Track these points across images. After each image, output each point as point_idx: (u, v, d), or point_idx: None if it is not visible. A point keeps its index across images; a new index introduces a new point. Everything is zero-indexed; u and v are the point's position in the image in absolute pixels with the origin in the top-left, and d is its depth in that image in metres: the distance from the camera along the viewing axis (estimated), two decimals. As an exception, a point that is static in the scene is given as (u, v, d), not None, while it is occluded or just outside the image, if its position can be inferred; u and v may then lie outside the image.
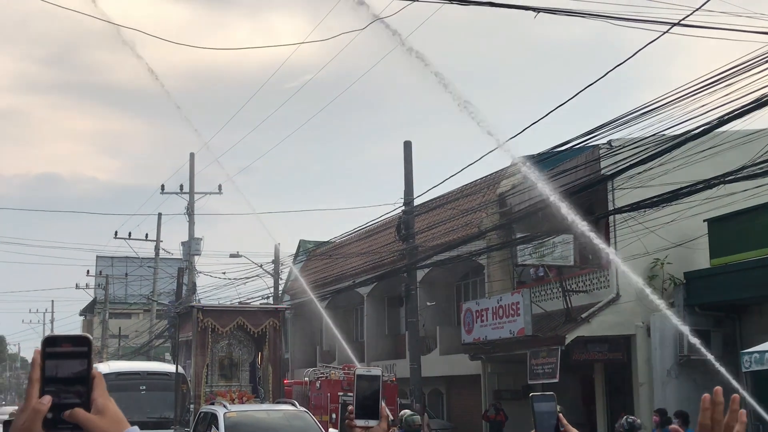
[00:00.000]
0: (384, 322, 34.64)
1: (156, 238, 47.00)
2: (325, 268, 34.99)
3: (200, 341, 17.25)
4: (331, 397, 21.87)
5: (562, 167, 20.59)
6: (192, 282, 38.73)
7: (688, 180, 15.96)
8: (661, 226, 19.18)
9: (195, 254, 38.70)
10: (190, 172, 39.08)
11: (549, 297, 23.66)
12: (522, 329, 22.01)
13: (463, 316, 25.08)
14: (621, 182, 18.98)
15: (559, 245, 21.70)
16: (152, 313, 50.64)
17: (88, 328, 74.18)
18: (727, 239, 19.31)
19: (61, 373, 1.68)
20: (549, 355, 21.34)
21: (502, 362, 25.23)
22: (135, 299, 62.43)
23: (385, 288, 31.63)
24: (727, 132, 16.32)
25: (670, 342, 20.21)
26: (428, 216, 26.54)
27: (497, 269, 26.02)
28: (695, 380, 19.64)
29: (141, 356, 44.82)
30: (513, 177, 25.04)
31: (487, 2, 9.15)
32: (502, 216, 24.99)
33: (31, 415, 1.63)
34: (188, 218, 38.88)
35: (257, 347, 17.94)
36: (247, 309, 19.38)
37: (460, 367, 27.14)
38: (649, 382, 20.55)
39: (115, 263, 61.70)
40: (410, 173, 24.45)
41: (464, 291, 30.24)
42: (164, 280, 49.42)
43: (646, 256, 20.38)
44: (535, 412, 2.43)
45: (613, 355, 21.68)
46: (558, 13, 10.37)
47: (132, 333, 58.25)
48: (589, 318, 21.17)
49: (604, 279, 21.98)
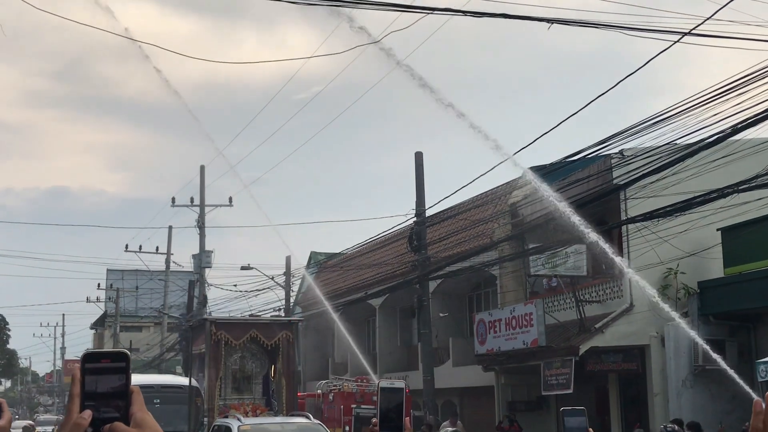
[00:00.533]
0: (396, 334, 34.59)
1: (167, 251, 47.12)
2: (336, 280, 35.01)
3: (213, 354, 17.23)
4: (344, 410, 21.82)
5: (575, 177, 20.57)
6: (203, 295, 38.77)
7: (701, 189, 15.92)
8: (674, 236, 19.11)
9: (206, 267, 38.74)
10: (201, 185, 39.19)
11: (562, 307, 23.59)
12: (535, 340, 21.94)
13: (476, 327, 25.02)
14: (634, 192, 18.94)
15: (572, 255, 21.64)
16: (163, 326, 50.70)
17: (99, 341, 74.33)
18: (740, 248, 19.23)
19: (101, 387, 1.71)
20: (563, 366, 21.26)
21: (515, 373, 25.14)
22: (146, 312, 62.56)
23: (398, 299, 31.60)
24: (741, 140, 16.28)
25: (684, 352, 20.11)
26: (440, 227, 26.52)
27: (510, 280, 25.96)
28: (710, 390, 19.54)
29: (152, 369, 44.86)
30: (524, 187, 25.01)
31: (501, 14, 9.16)
32: (514, 226, 24.95)
33: (72, 430, 1.65)
34: (199, 231, 38.94)
35: (270, 360, 17.92)
36: (260, 321, 19.36)
37: (473, 379, 27.06)
38: (663, 393, 20.44)
39: (126, 276, 61.89)
40: (422, 184, 24.45)
41: (477, 302, 30.18)
42: (175, 293, 49.49)
43: (660, 265, 20.31)
44: (566, 426, 2.42)
45: (628, 365, 21.59)
46: (571, 24, 10.39)
47: (143, 346, 58.34)
48: (602, 328, 21.09)
49: (618, 289, 21.91)
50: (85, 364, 1.71)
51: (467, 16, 9.20)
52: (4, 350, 77.75)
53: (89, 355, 1.73)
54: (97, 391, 1.70)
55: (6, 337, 77.58)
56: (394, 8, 9.45)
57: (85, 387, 1.70)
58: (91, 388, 1.71)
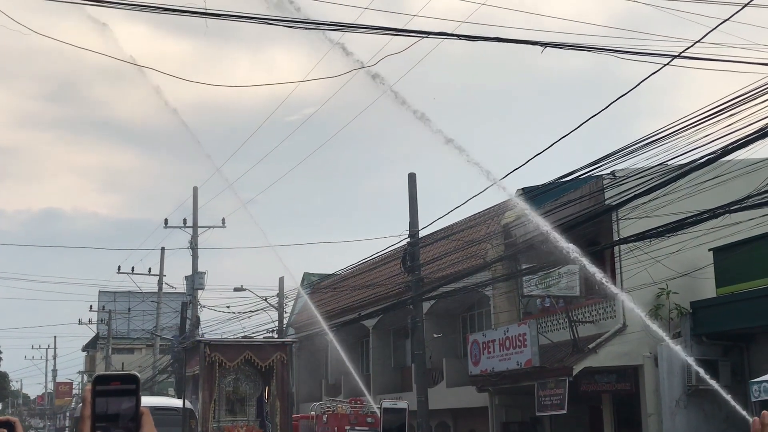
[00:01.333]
0: (390, 355, 34.53)
1: (159, 273, 47.01)
2: (330, 301, 34.95)
3: (207, 376, 17.20)
4: (338, 431, 21.77)
5: (567, 198, 20.67)
6: (196, 316, 38.66)
7: (693, 210, 16.02)
8: (666, 256, 19.20)
9: (199, 288, 38.64)
10: (194, 206, 39.17)
11: (555, 328, 23.63)
12: (529, 360, 21.95)
13: (470, 347, 25.02)
14: (626, 212, 19.04)
15: (565, 276, 21.70)
16: (155, 348, 50.51)
17: (90, 363, 73.95)
18: (733, 268, 19.32)
19: (111, 409, 1.75)
20: (557, 386, 21.27)
21: (509, 394, 25.12)
22: (138, 334, 62.33)
23: (391, 320, 31.58)
24: (732, 161, 16.41)
25: (678, 372, 20.14)
26: (433, 247, 26.56)
27: (503, 300, 25.99)
28: (704, 410, 19.57)
29: (144, 392, 44.51)
30: (517, 208, 25.10)
31: (495, 38, 9.27)
32: (507, 247, 25.01)
33: (85, 452, 1.69)
34: (191, 252, 38.88)
35: (264, 381, 17.88)
36: (254, 343, 19.33)
37: (467, 399, 27.01)
38: (657, 413, 20.46)
39: (118, 298, 61.68)
40: (415, 205, 24.51)
41: (470, 322, 30.18)
42: (167, 314, 49.34)
43: (652, 285, 20.38)
44: None
45: (621, 385, 21.61)
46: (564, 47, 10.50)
47: (135, 368, 58.06)
48: (596, 348, 21.13)
49: (611, 309, 21.96)
50: (96, 387, 1.76)
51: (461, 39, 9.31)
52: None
53: (100, 378, 1.77)
54: (107, 413, 1.75)
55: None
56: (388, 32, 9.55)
57: (96, 409, 1.74)
58: (102, 410, 1.75)
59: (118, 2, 10.03)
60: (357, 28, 9.51)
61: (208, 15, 9.28)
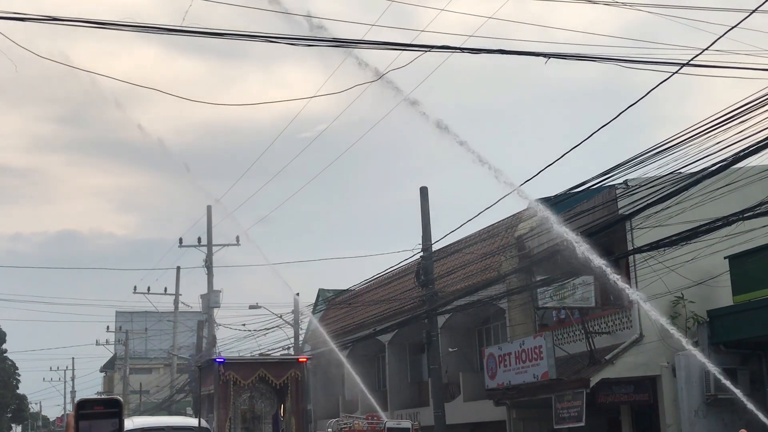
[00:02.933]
0: (406, 370, 34.42)
1: (175, 292, 47.17)
2: (345, 317, 34.92)
3: (222, 394, 17.20)
4: (355, 448, 21.64)
5: (579, 208, 20.58)
6: (212, 335, 38.72)
7: (706, 217, 15.93)
8: (681, 265, 19.08)
9: (214, 306, 38.74)
10: (208, 225, 39.30)
11: (572, 339, 23.49)
12: (546, 373, 21.81)
13: (486, 361, 24.90)
14: (639, 222, 18.94)
15: (580, 287, 21.58)
16: (173, 367, 50.60)
17: (108, 384, 74.12)
18: (749, 275, 19.17)
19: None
20: (574, 399, 21.12)
21: (527, 407, 24.96)
22: (155, 354, 62.47)
23: (407, 335, 31.49)
24: (744, 168, 16.30)
25: (696, 382, 19.97)
26: (447, 261, 26.50)
27: (518, 313, 25.88)
28: (723, 420, 19.38)
29: (162, 411, 44.70)
30: (531, 220, 25.02)
31: (498, 50, 9.25)
32: (521, 259, 24.92)
33: (69, 477, 1.67)
34: (207, 271, 38.99)
35: (280, 399, 17.86)
36: (268, 361, 19.33)
37: (484, 414, 26.86)
38: (676, 423, 20.27)
39: (135, 318, 61.93)
40: (427, 219, 24.49)
41: (486, 336, 30.05)
42: (184, 333, 49.47)
43: (668, 294, 20.25)
44: None
45: (639, 396, 21.43)
46: (568, 58, 10.48)
47: (153, 388, 58.17)
48: (613, 359, 20.97)
49: (627, 320, 21.82)
50: (79, 411, 1.76)
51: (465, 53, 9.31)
52: (15, 395, 77.56)
53: (83, 402, 1.78)
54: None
55: (16, 382, 77.45)
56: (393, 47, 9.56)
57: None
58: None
59: (126, 24, 10.09)
60: (362, 43, 9.53)
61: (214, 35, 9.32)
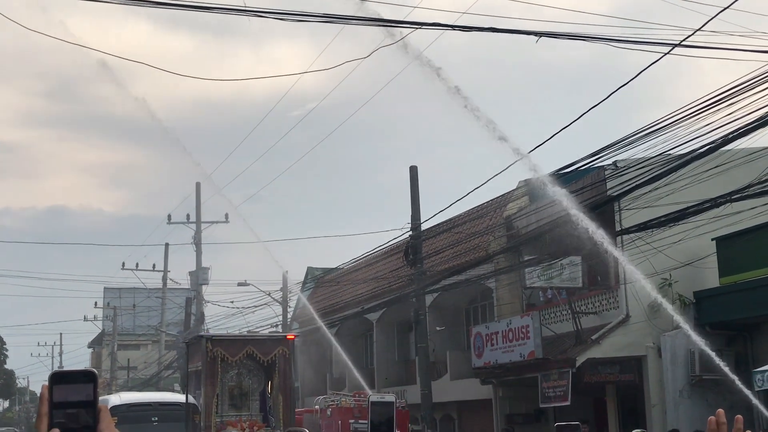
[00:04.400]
0: (394, 348, 34.53)
1: (163, 269, 47.06)
2: (333, 295, 34.97)
3: (210, 371, 17.18)
4: (342, 425, 21.76)
5: (569, 189, 20.59)
6: (200, 312, 38.71)
7: (694, 199, 15.97)
8: (668, 246, 19.15)
9: (203, 284, 38.70)
10: (197, 202, 39.19)
11: (558, 319, 23.60)
12: (532, 352, 21.93)
13: (473, 340, 25.00)
14: (627, 203, 18.99)
15: (567, 267, 21.66)
16: (161, 343, 50.60)
17: (96, 360, 74.12)
18: (735, 257, 19.27)
19: (69, 406, 1.72)
20: (560, 378, 21.25)
21: (513, 386, 25.11)
22: (143, 330, 62.44)
23: (395, 314, 31.58)
24: (733, 150, 16.35)
25: (681, 362, 20.12)
26: (436, 240, 26.53)
27: (506, 292, 25.96)
28: (707, 400, 19.53)
29: (150, 387, 44.73)
30: (520, 200, 25.06)
31: (489, 28, 9.22)
32: (509, 239, 24.97)
33: (40, 448, 1.66)
34: (195, 248, 38.92)
35: (267, 376, 17.87)
36: (256, 338, 19.30)
37: (471, 392, 27.01)
38: (661, 403, 20.43)
39: (123, 294, 61.77)
40: (417, 198, 24.49)
41: (473, 315, 30.17)
42: (172, 310, 49.43)
43: (655, 276, 20.32)
44: None
45: (625, 376, 21.58)
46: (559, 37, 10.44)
47: (141, 364, 58.20)
48: (599, 339, 21.09)
49: (614, 300, 21.92)
50: (53, 383, 1.74)
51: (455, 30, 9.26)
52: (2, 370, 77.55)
53: (57, 375, 1.75)
54: (65, 410, 1.72)
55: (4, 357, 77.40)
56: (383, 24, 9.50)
57: (54, 406, 1.72)
58: (60, 407, 1.72)
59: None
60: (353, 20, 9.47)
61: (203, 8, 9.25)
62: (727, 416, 2.02)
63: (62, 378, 1.75)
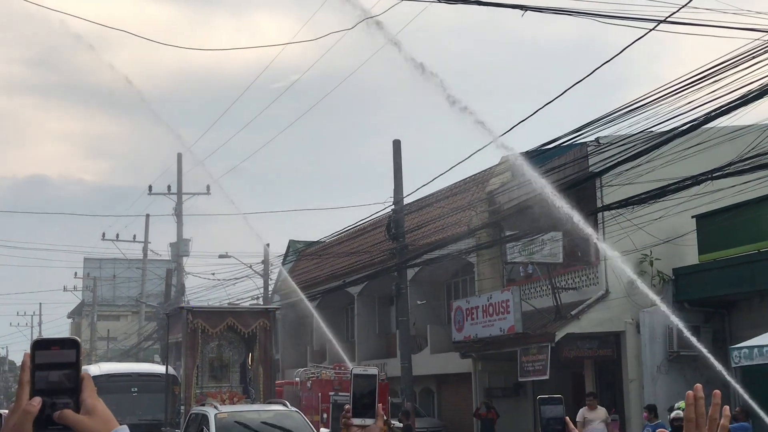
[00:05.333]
0: (375, 322, 34.64)
1: (144, 240, 46.91)
2: (315, 268, 34.98)
3: (190, 342, 17.18)
4: (322, 397, 21.85)
5: (551, 165, 20.62)
6: (181, 283, 38.64)
7: (675, 176, 16.03)
8: (649, 223, 19.25)
9: (183, 255, 38.61)
10: (178, 173, 38.99)
11: (538, 294, 23.72)
12: (512, 327, 22.05)
13: (454, 314, 25.11)
14: (609, 179, 19.05)
15: (548, 243, 21.74)
16: (141, 314, 50.53)
17: (76, 330, 73.94)
18: (715, 235, 19.39)
19: (51, 375, 1.71)
20: (539, 353, 21.40)
21: (492, 360, 25.27)
22: (123, 301, 62.33)
23: (376, 287, 31.64)
24: (714, 128, 16.39)
25: (659, 338, 20.29)
26: (418, 215, 26.55)
27: (487, 267, 26.05)
28: (685, 376, 19.73)
29: (130, 358, 44.70)
30: (502, 175, 25.07)
31: (475, 1, 9.17)
32: (491, 214, 25.02)
33: (22, 417, 1.65)
34: (176, 219, 38.78)
35: (248, 348, 17.89)
36: (237, 310, 19.33)
37: (450, 366, 27.17)
38: (639, 378, 20.63)
39: (103, 265, 61.55)
40: (399, 172, 24.45)
41: (454, 289, 30.28)
42: (153, 281, 49.30)
43: (635, 252, 20.46)
44: (543, 416, 2.42)
45: (603, 351, 21.75)
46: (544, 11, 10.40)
47: (120, 335, 58.13)
48: (578, 315, 21.24)
49: (593, 276, 22.05)
50: (35, 351, 1.71)
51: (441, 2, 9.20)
52: (-19, 340, 77.17)
53: (39, 342, 1.73)
54: (47, 378, 1.70)
55: (-18, 327, 77.03)
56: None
57: (36, 374, 1.70)
58: (42, 375, 1.70)
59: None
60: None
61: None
62: (705, 392, 2.02)
63: (45, 345, 1.72)
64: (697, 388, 1.99)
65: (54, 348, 1.72)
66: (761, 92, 12.53)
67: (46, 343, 1.73)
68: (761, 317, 18.24)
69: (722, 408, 1.97)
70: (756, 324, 17.90)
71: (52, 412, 1.68)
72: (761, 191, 17.43)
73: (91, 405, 1.70)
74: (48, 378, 1.71)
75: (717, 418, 1.96)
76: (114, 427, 1.71)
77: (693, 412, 1.96)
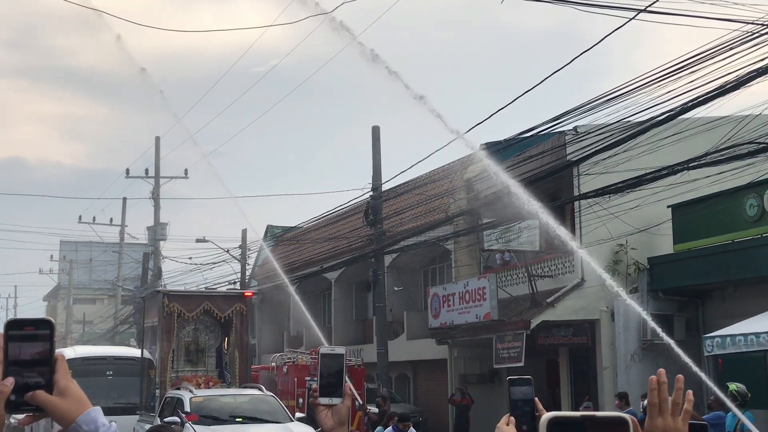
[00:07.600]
0: (351, 307, 34.69)
1: (121, 223, 46.70)
2: (292, 254, 34.93)
3: (166, 326, 17.15)
4: (298, 382, 21.87)
5: (529, 153, 20.70)
6: (157, 267, 38.48)
7: (652, 166, 16.13)
8: (625, 212, 19.37)
9: (160, 239, 38.44)
10: (156, 156, 38.77)
11: (515, 282, 23.83)
12: (488, 314, 22.15)
13: (430, 301, 25.18)
14: (586, 168, 19.13)
15: (525, 231, 21.84)
16: (117, 298, 50.29)
17: (52, 313, 73.46)
18: (690, 225, 19.55)
19: (24, 355, 1.71)
20: (514, 340, 21.52)
21: (468, 347, 25.39)
22: (99, 285, 61.91)
23: (353, 273, 31.66)
24: (691, 119, 16.50)
25: (633, 326, 20.46)
26: (396, 201, 26.57)
27: (464, 254, 26.14)
28: (658, 364, 19.78)
29: (106, 342, 44.49)
30: (480, 163, 25.11)
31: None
32: (468, 201, 25.08)
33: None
34: (153, 203, 38.59)
35: (224, 332, 17.88)
36: (213, 294, 19.30)
37: (426, 352, 27.27)
38: (613, 366, 20.80)
39: (80, 248, 61.13)
40: (378, 158, 24.45)
41: (431, 276, 30.36)
42: (129, 265, 49.05)
43: (611, 241, 20.59)
44: (512, 397, 2.43)
45: (578, 339, 21.91)
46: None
47: (96, 319, 57.84)
48: (554, 303, 21.36)
49: (569, 264, 22.17)
50: (8, 332, 1.71)
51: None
52: (-46, 322, 76.60)
53: (13, 323, 1.72)
54: (20, 359, 1.70)
55: (-44, 309, 76.39)
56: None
57: (9, 354, 1.70)
58: (15, 355, 1.70)
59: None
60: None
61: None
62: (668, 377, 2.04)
63: (19, 325, 1.72)
64: (660, 373, 2.01)
65: (28, 328, 1.72)
66: (738, 83, 12.62)
67: (20, 323, 1.73)
68: (734, 307, 18.43)
69: (685, 392, 1.99)
70: (729, 314, 18.10)
71: (24, 392, 1.68)
72: (736, 182, 17.57)
73: (64, 386, 1.70)
74: (21, 358, 1.71)
75: (680, 403, 1.98)
76: (87, 408, 1.71)
77: (656, 397, 1.97)
